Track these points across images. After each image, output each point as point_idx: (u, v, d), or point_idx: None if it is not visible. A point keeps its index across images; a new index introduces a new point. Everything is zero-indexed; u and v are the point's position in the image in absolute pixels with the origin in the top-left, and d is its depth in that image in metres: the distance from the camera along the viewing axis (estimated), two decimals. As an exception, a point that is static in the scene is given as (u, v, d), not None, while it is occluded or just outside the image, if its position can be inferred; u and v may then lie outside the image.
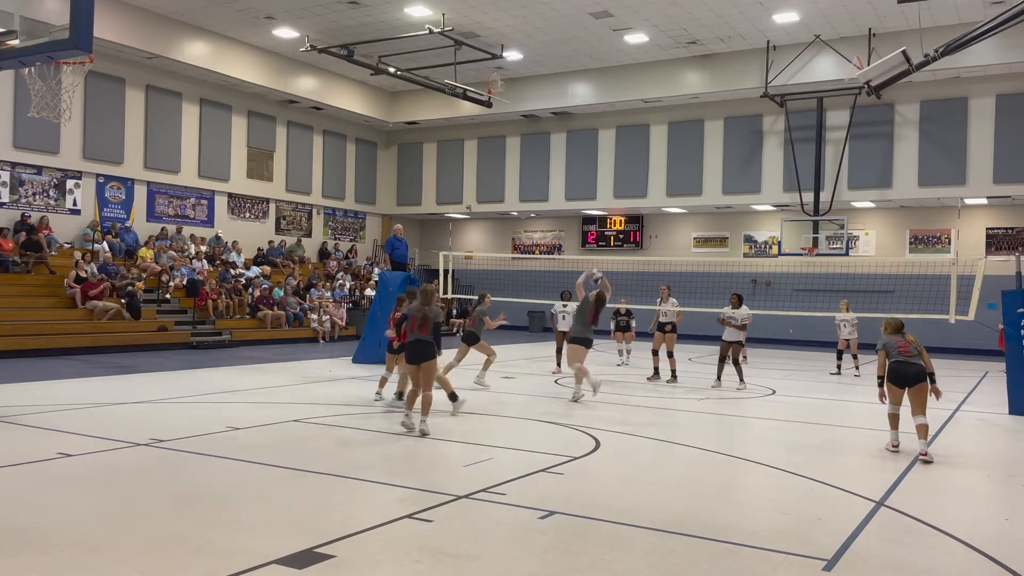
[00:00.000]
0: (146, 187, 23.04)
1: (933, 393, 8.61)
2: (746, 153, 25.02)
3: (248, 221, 26.19)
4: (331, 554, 4.98)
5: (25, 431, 8.71)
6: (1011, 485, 7.73)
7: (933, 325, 16.39)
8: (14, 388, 11.83)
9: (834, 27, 20.95)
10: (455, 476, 7.24)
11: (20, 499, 6.10)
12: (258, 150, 26.17)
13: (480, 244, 31.64)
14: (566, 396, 12.40)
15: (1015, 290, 12.30)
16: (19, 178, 20.05)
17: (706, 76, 23.79)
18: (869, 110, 22.95)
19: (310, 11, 20.68)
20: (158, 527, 5.46)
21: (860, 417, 11.47)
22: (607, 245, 29.14)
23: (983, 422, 11.35)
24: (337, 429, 9.37)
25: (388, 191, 31.20)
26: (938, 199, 23.19)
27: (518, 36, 22.23)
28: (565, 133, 27.86)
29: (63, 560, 4.82)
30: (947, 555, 5.40)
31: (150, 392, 11.82)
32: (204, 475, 7.02)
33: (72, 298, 18.55)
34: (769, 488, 7.21)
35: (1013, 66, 20.81)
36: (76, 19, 8.44)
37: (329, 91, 26.37)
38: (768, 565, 5.05)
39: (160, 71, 22.81)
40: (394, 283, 16.87)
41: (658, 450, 8.68)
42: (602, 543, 5.40)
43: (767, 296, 25.32)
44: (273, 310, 22.23)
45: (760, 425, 10.83)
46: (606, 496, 6.64)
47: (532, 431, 9.65)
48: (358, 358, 16.81)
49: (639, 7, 19.94)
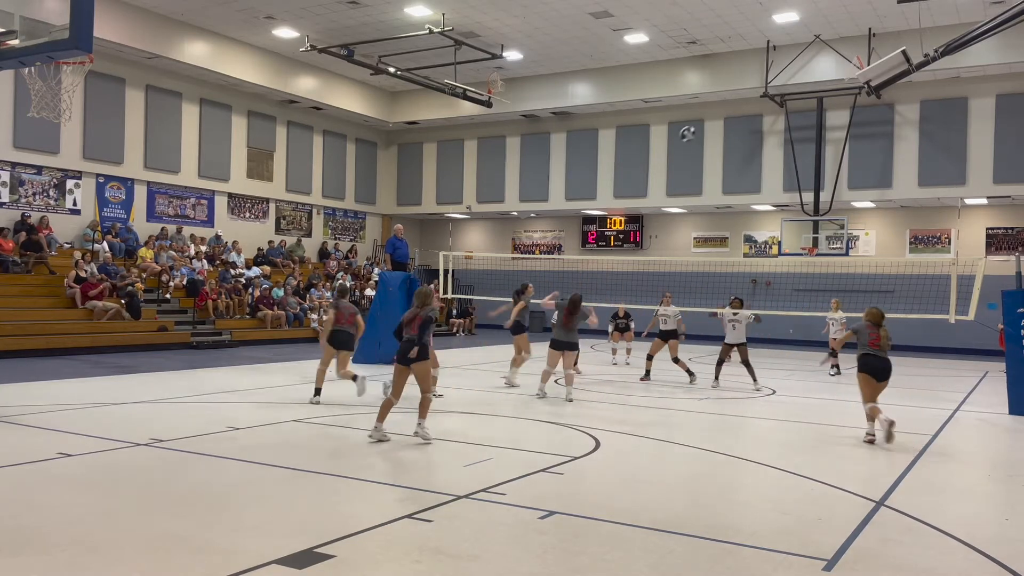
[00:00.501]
0: (146, 187, 23.04)
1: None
2: (746, 153, 25.02)
3: (248, 221, 26.19)
4: (331, 554, 4.98)
5: (25, 431, 8.71)
6: (1011, 485, 7.73)
7: (933, 325, 16.44)
8: (14, 388, 11.83)
9: (834, 27, 20.95)
10: (455, 476, 7.24)
11: (20, 499, 6.10)
12: (258, 150, 26.17)
13: (480, 244, 31.64)
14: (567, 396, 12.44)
15: (1015, 290, 12.30)
16: (19, 178, 20.05)
17: (706, 76, 23.80)
18: (869, 110, 22.95)
19: (310, 11, 20.69)
20: (158, 527, 5.46)
21: (860, 417, 11.46)
22: (607, 245, 29.14)
23: (983, 422, 11.35)
24: (337, 429, 9.37)
25: (388, 191, 31.20)
26: (938, 199, 23.19)
27: (518, 36, 22.23)
28: (565, 133, 27.86)
29: (63, 560, 4.82)
30: (947, 555, 5.40)
31: (150, 392, 11.82)
32: (204, 475, 7.02)
33: (72, 298, 18.55)
34: (769, 488, 7.21)
35: (1013, 66, 20.81)
36: (76, 19, 8.44)
37: (329, 91, 26.37)
38: (768, 565, 5.05)
39: (160, 71, 22.81)
40: (394, 283, 16.88)
41: (658, 450, 8.68)
42: (602, 543, 5.40)
43: (767, 296, 25.32)
44: (273, 310, 22.24)
45: (760, 425, 10.83)
46: (606, 496, 6.64)
47: (532, 431, 9.65)
48: (358, 358, 16.77)
49: (639, 7, 19.94)
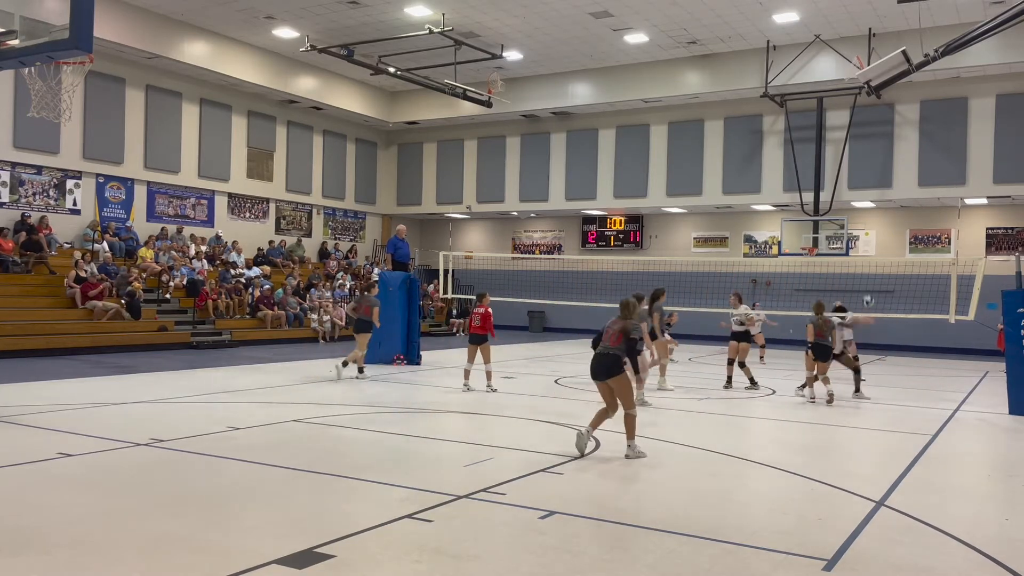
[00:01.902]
0: (146, 187, 23.04)
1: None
2: (746, 153, 25.02)
3: (248, 221, 26.20)
4: (331, 554, 4.98)
5: (25, 431, 8.71)
6: (1011, 485, 7.73)
7: (933, 325, 16.43)
8: (14, 388, 11.83)
9: (834, 27, 20.95)
10: (455, 476, 7.23)
11: (20, 499, 6.10)
12: (258, 150, 26.17)
13: (480, 244, 31.64)
14: (567, 396, 12.44)
15: (1015, 290, 12.29)
16: (19, 178, 20.05)
17: (706, 76, 23.80)
18: (869, 110, 22.95)
19: (310, 11, 20.69)
20: (158, 527, 5.45)
21: (860, 417, 11.48)
22: (607, 245, 29.14)
23: (983, 422, 11.34)
24: (337, 429, 9.37)
25: (388, 191, 31.20)
26: (938, 199, 23.19)
27: (518, 36, 22.23)
28: (565, 133, 27.86)
29: (63, 560, 4.82)
30: (947, 555, 5.40)
31: (150, 392, 11.82)
32: (204, 475, 7.02)
33: (72, 298, 18.55)
34: (769, 488, 7.20)
35: (1013, 66, 20.81)
36: (76, 19, 8.43)
37: (329, 91, 26.37)
38: (768, 565, 5.05)
39: (160, 71, 22.81)
40: (394, 283, 16.90)
41: (658, 450, 8.67)
42: (602, 543, 5.40)
43: (767, 296, 25.32)
44: (273, 310, 22.24)
45: (760, 425, 10.83)
46: (606, 496, 6.64)
47: (532, 431, 9.65)
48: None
49: (639, 7, 19.94)
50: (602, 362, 8.07)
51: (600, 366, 8.08)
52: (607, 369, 8.02)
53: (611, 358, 8.02)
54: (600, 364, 8.09)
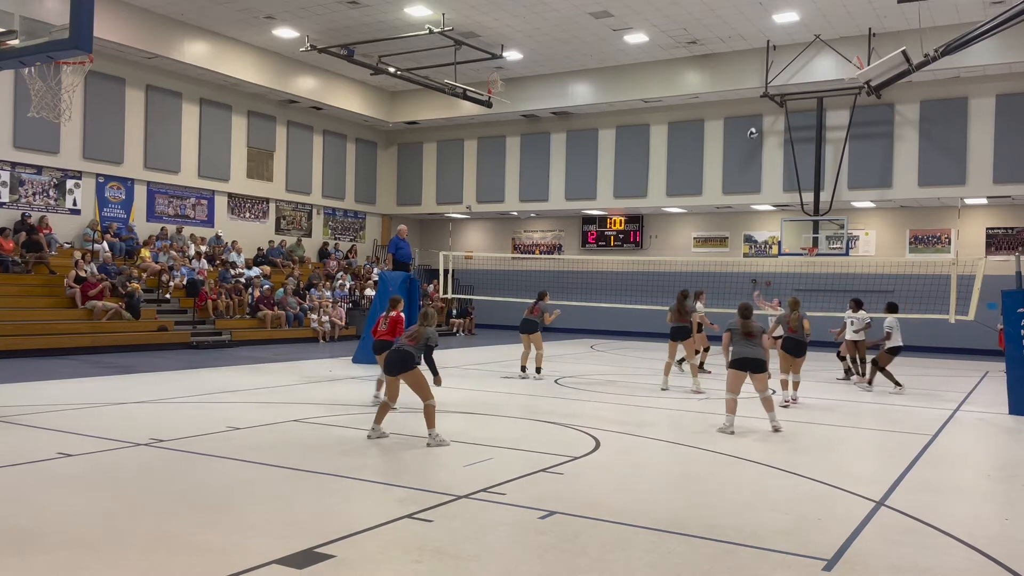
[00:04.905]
0: (146, 187, 23.03)
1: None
2: (746, 153, 25.02)
3: (248, 221, 26.19)
4: (331, 554, 4.98)
5: (25, 431, 8.71)
6: (1011, 485, 7.73)
7: (933, 325, 16.38)
8: (14, 388, 11.83)
9: (834, 27, 20.95)
10: (455, 476, 7.24)
11: (20, 499, 6.10)
12: (258, 150, 26.17)
13: (480, 244, 31.63)
14: (567, 396, 12.43)
15: (1015, 290, 12.30)
16: (19, 178, 20.05)
17: (706, 76, 23.79)
18: (869, 110, 22.95)
19: (310, 11, 20.69)
20: (158, 527, 5.46)
21: (860, 417, 11.48)
22: (607, 245, 29.14)
23: (983, 422, 11.35)
24: (337, 429, 9.37)
25: (388, 191, 31.20)
26: (938, 199, 23.19)
27: (518, 36, 22.22)
28: (565, 133, 27.85)
29: (63, 560, 4.82)
30: (947, 555, 5.40)
31: (150, 392, 11.82)
32: (204, 475, 7.02)
33: (72, 298, 18.55)
34: (769, 488, 7.20)
35: (1013, 66, 20.80)
36: (76, 19, 8.44)
37: (329, 91, 26.36)
38: (768, 565, 5.05)
39: (160, 71, 22.81)
40: (394, 283, 16.88)
41: (658, 450, 8.68)
42: (602, 543, 5.40)
43: (767, 296, 25.27)
44: (273, 310, 22.23)
45: (760, 425, 10.83)
46: (606, 496, 6.64)
47: (532, 431, 9.65)
48: (358, 358, 16.80)
49: (639, 7, 19.94)
50: (396, 358, 8.55)
51: (394, 362, 8.55)
52: (400, 365, 8.51)
53: (405, 354, 8.52)
54: (394, 360, 8.56)
